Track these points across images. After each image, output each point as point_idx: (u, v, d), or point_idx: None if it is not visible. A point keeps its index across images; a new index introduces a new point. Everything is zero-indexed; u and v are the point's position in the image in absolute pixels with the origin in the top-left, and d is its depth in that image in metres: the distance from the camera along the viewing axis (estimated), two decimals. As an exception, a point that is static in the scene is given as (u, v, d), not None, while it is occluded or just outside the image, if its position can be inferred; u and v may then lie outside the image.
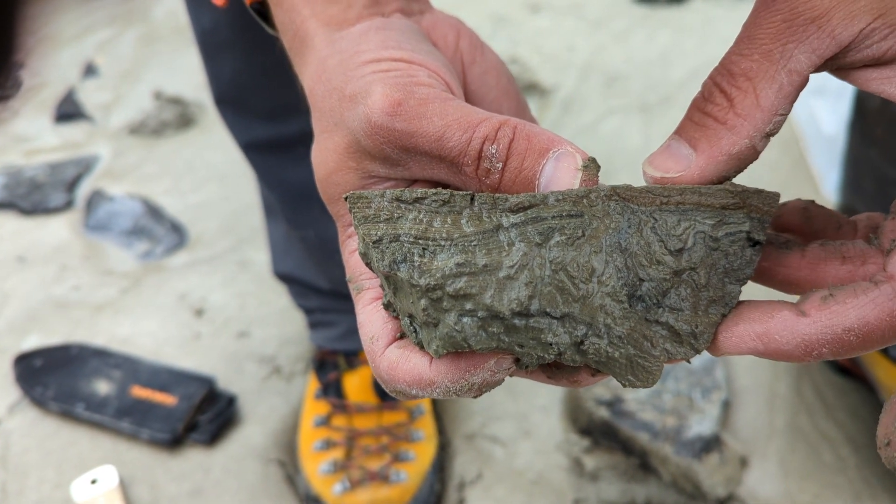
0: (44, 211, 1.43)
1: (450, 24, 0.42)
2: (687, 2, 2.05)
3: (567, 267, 0.31)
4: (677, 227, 0.32)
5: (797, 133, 1.49)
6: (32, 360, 1.10)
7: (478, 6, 2.09)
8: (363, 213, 0.33)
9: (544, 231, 0.31)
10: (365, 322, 0.35)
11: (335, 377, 0.98)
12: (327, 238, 0.87)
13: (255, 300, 1.22)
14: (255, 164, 0.85)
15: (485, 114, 0.33)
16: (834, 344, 0.30)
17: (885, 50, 0.30)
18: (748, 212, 0.32)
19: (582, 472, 0.95)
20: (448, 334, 0.30)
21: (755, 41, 0.31)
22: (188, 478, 0.97)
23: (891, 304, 0.30)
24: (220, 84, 0.79)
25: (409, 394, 0.33)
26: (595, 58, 1.84)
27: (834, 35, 0.30)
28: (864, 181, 0.96)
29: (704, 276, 0.32)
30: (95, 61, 1.92)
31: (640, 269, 0.32)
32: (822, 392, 1.03)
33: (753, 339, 0.32)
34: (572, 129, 1.60)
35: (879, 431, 0.30)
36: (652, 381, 0.32)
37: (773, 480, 0.93)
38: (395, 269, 0.31)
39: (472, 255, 0.31)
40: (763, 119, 0.31)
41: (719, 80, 0.32)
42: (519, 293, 0.30)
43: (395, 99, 0.33)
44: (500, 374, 0.32)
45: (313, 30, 0.39)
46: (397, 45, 0.36)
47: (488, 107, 0.42)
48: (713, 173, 0.32)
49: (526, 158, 0.32)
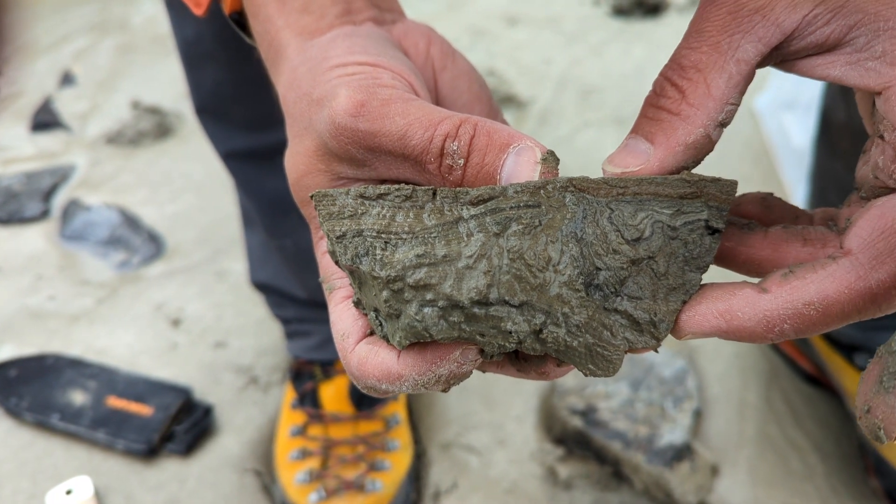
0: (19, 220, 1.43)
1: (420, 32, 0.43)
2: (662, 16, 2.09)
3: (524, 255, 0.31)
4: (634, 216, 0.32)
5: (768, 146, 1.52)
6: (7, 370, 1.10)
7: (456, 19, 2.11)
8: (328, 210, 0.33)
9: (502, 221, 0.31)
10: (336, 320, 0.36)
11: (311, 387, 0.99)
12: (305, 247, 0.88)
13: (231, 310, 1.23)
14: (234, 173, 0.86)
15: (446, 112, 0.34)
16: (795, 319, 0.30)
17: (828, 35, 0.31)
18: (706, 200, 0.33)
19: (556, 480, 0.96)
20: (409, 324, 0.31)
21: (703, 34, 0.32)
22: (164, 488, 0.97)
23: (848, 277, 0.30)
24: (201, 94, 0.80)
25: (380, 389, 0.34)
26: (571, 71, 1.86)
27: (778, 23, 0.31)
28: (830, 193, 0.98)
29: (663, 264, 0.33)
30: (72, 70, 1.91)
31: (597, 259, 0.32)
32: (790, 401, 1.05)
33: (716, 316, 0.32)
34: (548, 140, 1.61)
35: (858, 400, 0.30)
36: (612, 369, 0.32)
37: (743, 488, 0.95)
38: (358, 263, 0.32)
39: (431, 247, 0.31)
40: (715, 108, 0.32)
41: (670, 74, 0.33)
42: (478, 282, 0.31)
43: (357, 100, 0.34)
44: (466, 365, 0.33)
45: (287, 39, 0.40)
46: (363, 50, 0.37)
47: (459, 111, 0.42)
48: (672, 164, 0.33)
49: (487, 154, 0.33)
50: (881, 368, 0.29)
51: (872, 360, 0.30)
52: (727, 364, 1.10)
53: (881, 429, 0.29)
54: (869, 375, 0.29)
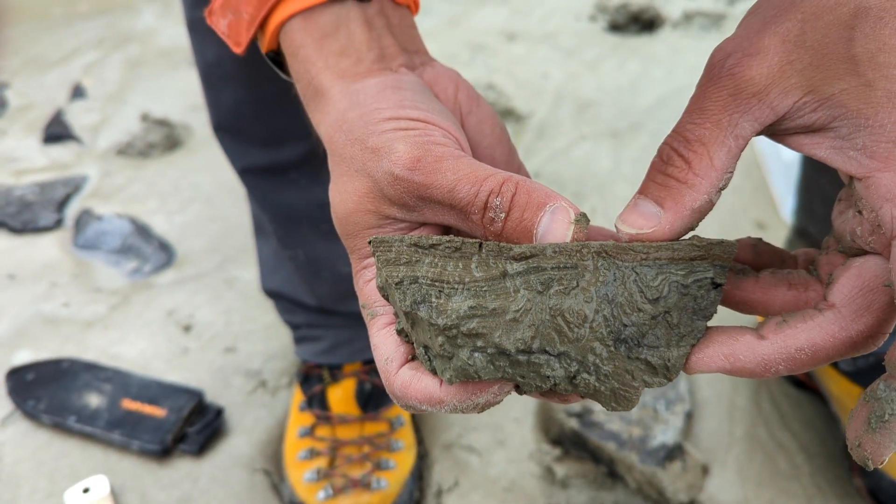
0: (34, 230, 1.47)
1: (449, 78, 0.47)
2: (657, 32, 2.13)
3: (564, 313, 0.35)
4: (655, 279, 0.37)
5: (759, 159, 1.56)
6: (24, 374, 1.13)
7: (456, 34, 2.16)
8: (385, 256, 0.37)
9: (545, 281, 0.36)
10: (379, 345, 0.40)
11: (319, 389, 1.03)
12: (315, 257, 0.92)
13: (241, 317, 1.27)
14: (249, 187, 0.90)
15: (491, 170, 0.38)
16: (788, 361, 0.36)
17: (815, 120, 0.36)
18: (711, 261, 0.38)
19: (553, 479, 1.00)
20: (461, 367, 0.36)
21: (706, 112, 0.37)
22: (177, 487, 1.01)
23: (833, 328, 0.35)
24: (219, 112, 0.83)
25: (419, 409, 0.38)
26: (568, 85, 1.91)
27: (773, 106, 0.36)
28: (816, 206, 1.02)
29: (676, 316, 0.37)
30: (83, 83, 1.96)
31: (624, 317, 0.36)
32: (778, 404, 1.09)
33: (721, 359, 0.37)
34: (546, 153, 1.66)
35: (850, 436, 0.35)
36: (631, 406, 0.37)
37: (732, 487, 0.98)
38: (416, 309, 0.36)
39: (483, 300, 0.36)
40: (717, 177, 0.37)
41: (676, 145, 0.37)
42: (523, 334, 0.35)
43: (415, 156, 0.38)
44: (501, 396, 0.38)
45: (329, 81, 0.44)
46: (413, 105, 0.42)
47: (483, 152, 0.47)
48: (680, 227, 0.38)
49: (526, 210, 0.37)
50: (868, 411, 0.34)
51: (859, 402, 0.35)
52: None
53: (870, 459, 0.34)
54: (858, 416, 0.34)
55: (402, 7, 0.49)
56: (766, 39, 0.35)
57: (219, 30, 0.49)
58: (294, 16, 0.45)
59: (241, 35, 0.48)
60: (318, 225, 0.89)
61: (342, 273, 0.93)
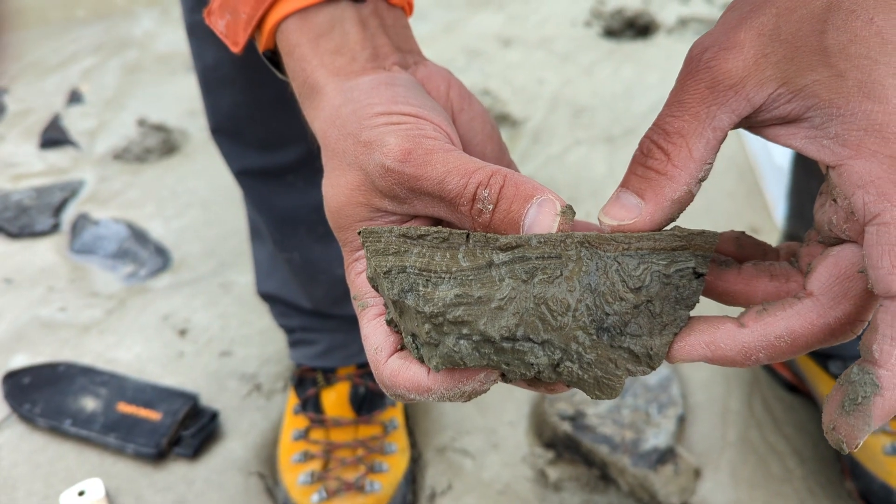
0: (30, 234, 1.48)
1: (441, 76, 0.48)
2: (652, 38, 2.14)
3: (548, 301, 0.36)
4: (637, 268, 0.38)
5: (752, 163, 1.57)
6: (21, 377, 1.14)
7: (452, 40, 2.17)
8: (374, 246, 0.38)
9: (530, 270, 0.36)
10: (369, 334, 0.41)
11: (314, 393, 1.04)
12: (311, 260, 0.93)
13: (236, 321, 1.28)
14: (246, 190, 0.90)
15: (480, 163, 0.39)
16: (768, 349, 0.36)
17: (790, 111, 0.36)
18: (693, 251, 0.38)
19: (546, 482, 1.01)
20: (447, 354, 0.36)
21: (684, 104, 0.37)
22: (172, 490, 1.01)
23: (811, 315, 0.36)
24: (217, 115, 0.84)
25: (408, 398, 0.39)
26: (563, 90, 1.92)
27: (749, 98, 0.36)
28: (807, 210, 1.03)
29: (659, 306, 0.38)
30: (80, 88, 1.97)
31: (607, 306, 0.37)
32: (771, 408, 1.09)
33: (703, 346, 0.37)
34: (541, 158, 1.67)
35: (825, 420, 0.35)
36: (615, 394, 0.38)
37: (725, 490, 0.99)
38: (403, 298, 0.37)
39: (468, 288, 0.36)
40: (696, 168, 0.38)
41: (656, 138, 0.38)
42: (508, 321, 0.36)
43: (405, 148, 0.39)
44: (487, 384, 0.38)
45: (323, 79, 0.45)
46: (405, 101, 0.42)
47: (474, 149, 0.48)
48: (661, 218, 0.38)
49: (513, 202, 0.37)
50: (842, 395, 0.34)
51: (834, 387, 0.35)
52: (710, 372, 1.15)
53: (844, 442, 0.35)
54: (832, 400, 0.35)
55: (397, 8, 0.50)
56: (742, 33, 0.36)
57: (217, 30, 0.50)
58: (290, 16, 0.46)
59: (239, 35, 0.49)
60: (315, 228, 0.90)
61: (338, 276, 0.94)
